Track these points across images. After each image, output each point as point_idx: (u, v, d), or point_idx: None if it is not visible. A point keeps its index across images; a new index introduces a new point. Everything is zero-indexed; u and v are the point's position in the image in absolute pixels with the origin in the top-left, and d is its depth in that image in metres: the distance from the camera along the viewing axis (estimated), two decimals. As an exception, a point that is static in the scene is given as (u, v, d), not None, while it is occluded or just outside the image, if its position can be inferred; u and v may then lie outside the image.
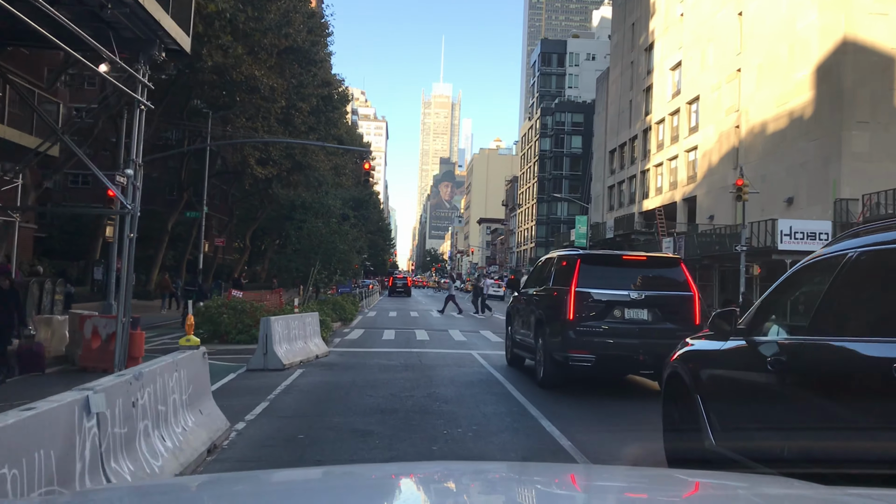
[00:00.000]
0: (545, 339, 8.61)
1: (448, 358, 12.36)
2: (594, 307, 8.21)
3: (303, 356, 11.11)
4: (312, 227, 19.24)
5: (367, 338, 16.58)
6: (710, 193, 44.35)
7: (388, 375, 9.94)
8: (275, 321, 10.43)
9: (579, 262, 8.31)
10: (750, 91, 39.85)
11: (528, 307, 9.96)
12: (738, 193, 24.22)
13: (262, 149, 31.51)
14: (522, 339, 10.21)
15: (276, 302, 14.69)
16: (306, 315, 12.11)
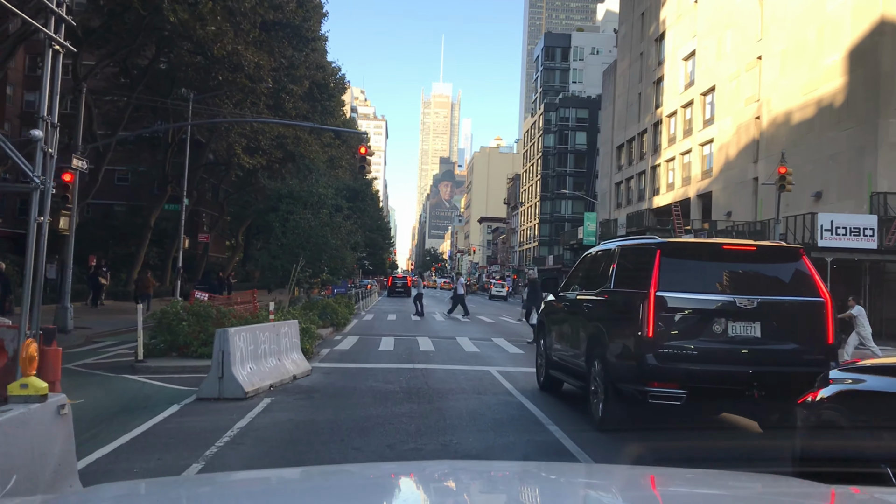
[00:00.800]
0: (606, 364, 6.06)
1: (461, 378, 9.79)
2: (684, 319, 5.68)
3: (274, 379, 8.55)
4: (300, 219, 16.70)
5: (361, 348, 14.01)
6: (727, 189, 41.87)
7: (385, 410, 7.34)
8: (235, 334, 7.87)
9: (659, 255, 5.73)
10: (772, 79, 37.32)
11: (574, 317, 7.39)
12: (782, 183, 21.68)
13: (251, 136, 28.96)
14: (564, 358, 7.65)
15: (252, 306, 12.15)
16: (282, 324, 9.53)
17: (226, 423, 6.49)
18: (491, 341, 16.04)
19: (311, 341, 11.64)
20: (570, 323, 7.52)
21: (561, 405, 7.79)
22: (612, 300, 6.35)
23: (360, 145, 18.99)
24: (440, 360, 11.97)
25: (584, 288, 7.40)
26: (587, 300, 6.93)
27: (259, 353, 8.47)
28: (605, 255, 7.04)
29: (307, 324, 11.88)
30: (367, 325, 20.96)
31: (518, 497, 2.00)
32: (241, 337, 7.99)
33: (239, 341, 7.94)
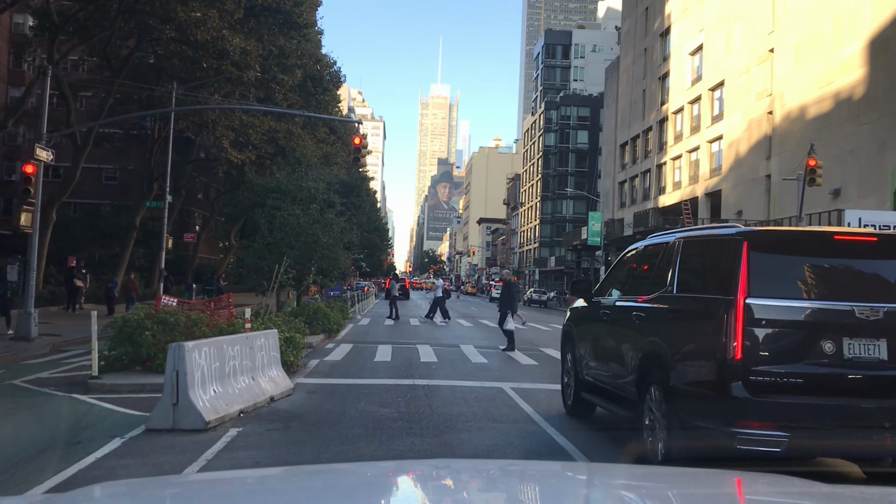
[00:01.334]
0: (670, 393, 4.52)
1: (470, 398, 8.23)
2: (783, 336, 4.13)
3: (245, 402, 7.00)
4: (287, 216, 15.15)
5: (354, 358, 12.47)
6: (737, 187, 40.41)
7: (380, 447, 5.74)
8: (194, 349, 6.33)
9: (747, 249, 4.21)
10: (785, 72, 35.87)
11: (617, 329, 5.81)
12: (812, 177, 20.18)
13: (239, 130, 27.43)
14: (603, 380, 6.10)
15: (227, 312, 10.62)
16: (257, 335, 7.97)
17: (172, 470, 4.97)
18: (498, 350, 14.48)
19: (295, 353, 10.11)
20: (611, 336, 5.97)
21: (599, 438, 6.27)
22: (677, 308, 4.82)
23: (353, 136, 17.46)
24: (444, 374, 10.43)
25: (630, 292, 5.87)
26: (637, 308, 5.38)
27: (226, 372, 6.93)
28: (660, 250, 5.47)
29: (291, 332, 10.34)
30: (363, 330, 19.41)
31: (518, 496, 1.98)
32: (202, 353, 6.46)
33: (199, 358, 6.41)
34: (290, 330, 10.50)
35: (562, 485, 2.09)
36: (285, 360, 9.90)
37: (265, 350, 8.01)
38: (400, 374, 10.30)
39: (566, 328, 7.43)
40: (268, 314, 10.85)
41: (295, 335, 10.23)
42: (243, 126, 28.28)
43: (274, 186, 16.37)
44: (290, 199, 15.98)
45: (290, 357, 9.87)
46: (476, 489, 2.01)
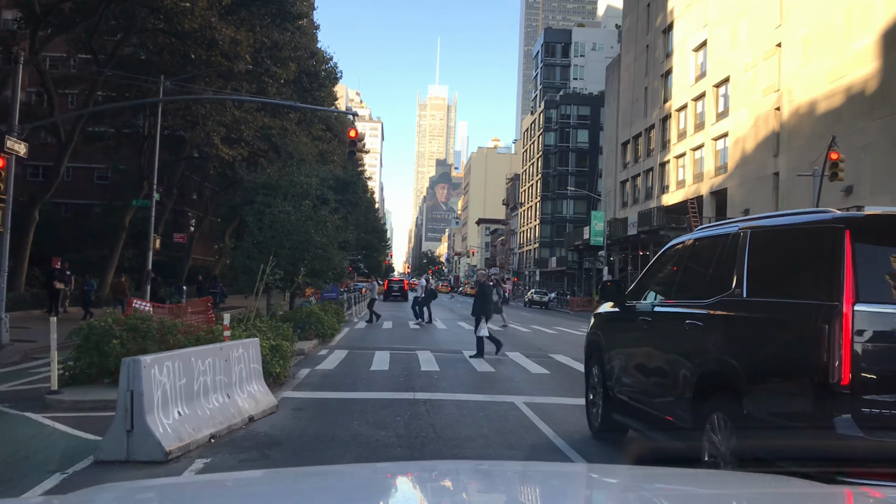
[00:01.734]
0: (743, 427, 3.50)
1: (479, 416, 7.18)
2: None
3: (218, 425, 5.95)
4: (278, 213, 14.09)
5: (348, 367, 11.43)
6: (743, 185, 39.47)
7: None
8: (153, 364, 5.29)
9: (850, 239, 3.19)
10: (793, 67, 34.94)
11: (662, 340, 4.76)
12: (834, 171, 19.18)
13: (231, 126, 26.39)
14: (642, 399, 5.04)
15: (206, 317, 9.57)
16: (234, 345, 6.90)
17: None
18: (505, 356, 13.45)
19: (282, 363, 9.07)
20: (654, 348, 4.92)
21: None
22: (749, 317, 3.79)
23: (349, 129, 16.42)
24: (447, 386, 9.39)
25: (677, 295, 4.83)
26: (691, 315, 4.35)
27: (195, 390, 5.90)
28: (718, 244, 4.40)
29: (278, 340, 9.29)
30: (359, 335, 18.36)
31: (518, 497, 1.97)
32: (163, 368, 5.43)
33: (160, 375, 5.38)
34: (276, 337, 9.46)
35: (562, 485, 2.06)
36: (271, 372, 8.87)
37: (244, 362, 6.97)
38: (398, 386, 9.26)
39: (592, 337, 6.38)
40: (252, 319, 9.81)
41: (282, 343, 9.18)
42: (236, 122, 27.24)
43: (264, 182, 15.32)
44: (282, 196, 14.94)
45: (275, 368, 8.83)
46: (475, 490, 1.98)
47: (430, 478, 2.17)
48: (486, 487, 2.02)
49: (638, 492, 2.00)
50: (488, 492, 1.99)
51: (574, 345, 17.06)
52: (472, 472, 2.29)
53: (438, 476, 2.19)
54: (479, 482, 2.09)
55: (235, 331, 8.96)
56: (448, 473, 2.26)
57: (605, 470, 3.18)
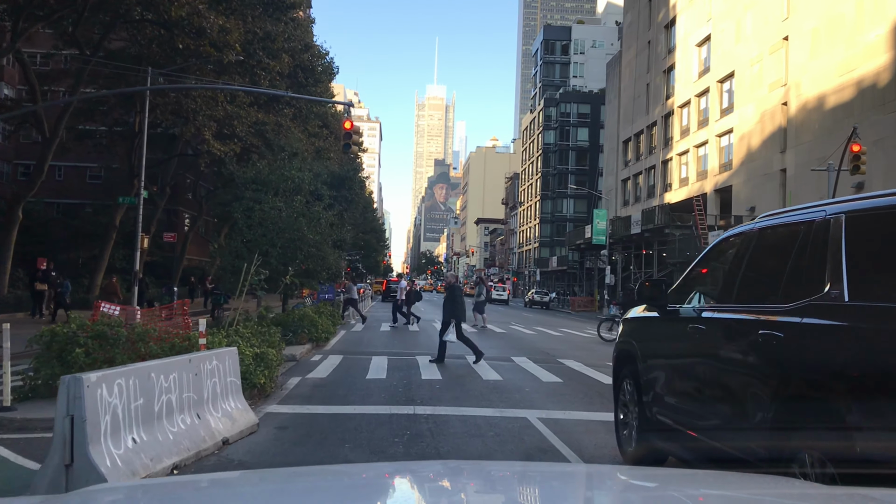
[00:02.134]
0: (841, 464, 2.63)
1: (489, 437, 6.22)
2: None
3: (183, 452, 5.00)
4: (268, 209, 13.12)
5: (343, 375, 10.50)
6: (749, 182, 38.59)
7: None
8: (98, 383, 4.34)
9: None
10: (801, 61, 34.06)
11: (727, 353, 3.79)
12: (856, 164, 18.29)
13: (223, 121, 25.46)
14: (690, 425, 4.13)
15: (183, 322, 8.64)
16: (206, 357, 5.93)
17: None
18: (512, 361, 12.51)
19: (268, 372, 8.14)
20: (710, 364, 3.99)
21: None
22: (857, 328, 2.87)
23: (344, 121, 15.46)
24: (452, 398, 8.45)
25: (739, 298, 3.90)
26: (765, 323, 3.43)
27: (156, 411, 4.98)
28: (800, 232, 3.45)
29: (264, 347, 8.35)
30: (356, 338, 17.41)
31: (516, 498, 1.97)
32: (113, 388, 4.50)
33: (109, 396, 4.45)
34: (262, 344, 8.53)
35: (562, 486, 2.05)
36: (255, 383, 7.94)
37: (219, 375, 6.04)
38: (397, 398, 8.32)
39: (623, 346, 5.45)
40: (235, 324, 8.87)
41: (267, 351, 8.24)
42: (228, 117, 26.32)
43: (253, 177, 14.38)
44: (272, 191, 13.99)
45: (260, 378, 7.90)
46: (474, 491, 1.96)
47: (429, 478, 2.16)
48: (484, 488, 2.01)
49: (638, 493, 2.00)
50: (487, 492, 1.98)
51: (583, 348, 16.14)
52: (471, 473, 2.27)
53: (437, 476, 2.19)
54: (478, 482, 2.08)
55: (216, 337, 8.03)
56: (447, 473, 2.25)
57: (605, 470, 3.17)
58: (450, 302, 12.37)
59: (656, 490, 2.02)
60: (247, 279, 9.04)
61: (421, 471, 2.43)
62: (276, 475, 2.42)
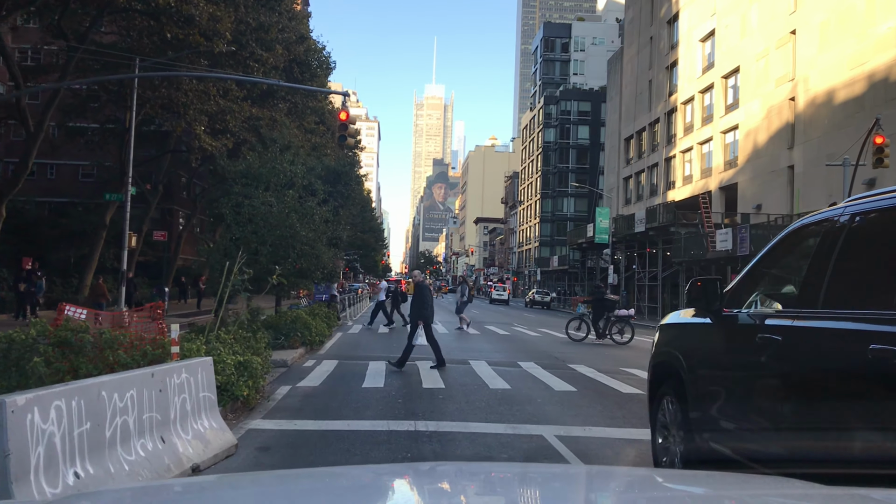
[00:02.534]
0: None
1: (503, 464, 5.36)
2: None
3: (143, 484, 4.23)
4: (258, 204, 12.23)
5: (337, 382, 9.65)
6: (755, 179, 37.79)
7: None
8: (28, 407, 3.49)
9: None
10: (810, 55, 33.25)
11: (814, 373, 2.97)
12: (879, 156, 17.47)
13: (216, 116, 24.60)
14: (764, 458, 3.32)
15: (156, 327, 7.78)
16: (173, 369, 5.03)
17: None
18: (519, 367, 11.64)
19: (253, 383, 7.29)
20: (792, 384, 3.14)
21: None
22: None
23: (339, 112, 14.56)
24: (457, 411, 7.59)
25: (827, 302, 3.03)
26: (879, 335, 2.59)
27: (107, 437, 4.12)
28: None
29: (248, 355, 7.50)
30: (353, 341, 16.55)
31: (516, 500, 1.96)
32: (49, 412, 3.65)
33: (44, 422, 3.60)
34: (246, 351, 7.68)
35: (562, 487, 2.04)
36: (237, 395, 7.09)
37: (189, 390, 5.19)
38: (396, 412, 7.46)
39: (663, 358, 4.59)
40: (215, 329, 8.02)
41: (252, 359, 7.37)
42: (221, 112, 25.46)
43: (243, 170, 13.51)
44: (263, 186, 13.13)
45: (242, 390, 7.05)
46: (474, 492, 1.95)
47: (428, 479, 2.17)
48: (484, 489, 2.00)
49: (638, 493, 1.99)
50: (487, 494, 1.97)
51: (592, 352, 15.32)
52: (470, 474, 2.27)
53: (436, 478, 2.20)
54: (477, 484, 2.06)
55: (193, 344, 7.17)
56: (446, 475, 2.26)
57: (605, 471, 3.15)
58: (416, 303, 11.41)
59: (657, 490, 2.02)
60: (230, 279, 8.20)
61: (420, 472, 2.43)
62: (272, 477, 2.38)
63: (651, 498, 1.93)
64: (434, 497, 1.91)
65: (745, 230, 28.41)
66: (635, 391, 9.14)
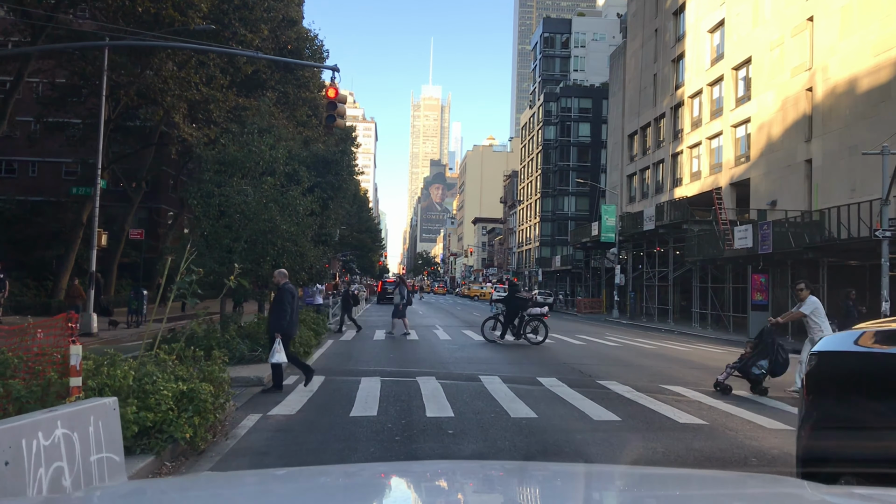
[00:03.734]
0: None
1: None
2: None
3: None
4: (231, 193, 10.30)
5: (319, 408, 7.76)
6: (770, 174, 35.99)
7: None
8: None
9: None
10: (829, 42, 31.46)
11: None
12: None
13: (199, 104, 22.73)
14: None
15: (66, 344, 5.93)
16: (41, 421, 3.19)
17: None
18: (540, 385, 9.72)
19: (201, 418, 5.40)
20: None
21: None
22: None
23: (328, 88, 12.63)
24: (473, 452, 5.70)
25: None
26: None
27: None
28: None
29: (194, 382, 5.61)
30: (344, 351, 14.63)
31: (515, 497, 1.93)
32: None
33: None
34: (194, 375, 5.82)
35: (561, 485, 2.02)
36: (180, 438, 5.20)
37: (69, 455, 3.26)
38: (392, 452, 5.58)
39: (828, 406, 2.72)
40: (154, 347, 6.10)
41: (199, 387, 5.48)
42: (204, 101, 23.59)
43: (217, 156, 11.56)
44: (240, 173, 11.23)
45: (184, 431, 5.17)
46: (472, 491, 1.94)
47: (426, 477, 2.13)
48: (483, 487, 1.98)
49: (637, 492, 1.97)
50: (486, 492, 1.94)
51: (617, 362, 13.44)
52: (469, 472, 2.24)
53: (435, 476, 2.16)
54: (476, 482, 2.04)
55: (118, 370, 5.27)
56: (445, 473, 2.24)
57: (604, 470, 3.07)
58: (276, 311, 9.30)
59: (657, 489, 1.99)
60: (175, 281, 6.22)
61: (419, 470, 2.41)
62: (270, 475, 2.34)
63: (651, 497, 1.90)
64: (432, 495, 1.90)
65: (768, 227, 26.58)
66: (695, 421, 7.32)
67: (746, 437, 6.62)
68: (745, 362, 9.58)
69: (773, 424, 7.27)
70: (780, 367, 9.55)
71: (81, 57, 23.55)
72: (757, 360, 9.48)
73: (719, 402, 8.62)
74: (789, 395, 9.46)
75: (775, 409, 8.49)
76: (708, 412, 7.86)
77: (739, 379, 9.83)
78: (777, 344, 9.67)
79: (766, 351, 9.48)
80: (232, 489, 1.91)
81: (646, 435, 6.59)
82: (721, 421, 7.38)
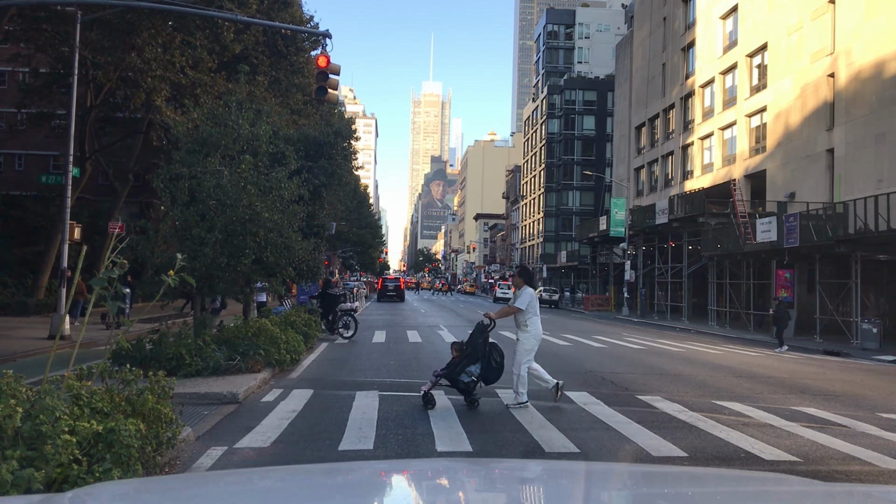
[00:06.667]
0: None
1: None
2: None
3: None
4: (202, 174, 8.68)
5: (299, 441, 6.11)
6: (787, 165, 34.30)
7: None
8: None
9: None
10: (853, 25, 29.75)
11: None
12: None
13: (185, 88, 21.09)
14: None
15: None
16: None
17: None
18: (573, 403, 8.02)
19: (126, 468, 3.82)
20: None
21: None
22: None
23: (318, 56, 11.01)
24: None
25: None
26: None
27: None
28: None
29: (118, 419, 3.98)
30: (339, 356, 13.01)
31: (517, 496, 1.91)
32: None
33: None
34: (116, 409, 4.20)
35: (561, 484, 2.00)
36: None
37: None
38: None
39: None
40: (70, 364, 4.49)
41: (121, 427, 3.85)
42: (191, 85, 21.96)
43: (189, 135, 9.95)
44: (215, 153, 9.58)
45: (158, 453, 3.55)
46: (474, 489, 1.93)
47: (427, 476, 2.12)
48: (485, 486, 1.96)
49: (637, 490, 1.96)
50: (487, 490, 1.93)
51: (649, 370, 11.79)
52: (470, 471, 2.23)
53: (436, 474, 2.15)
54: (478, 481, 2.02)
55: (8, 400, 3.66)
56: (446, 472, 2.22)
57: (604, 468, 3.05)
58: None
59: (657, 487, 1.98)
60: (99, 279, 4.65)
61: (420, 468, 2.39)
62: (274, 474, 2.19)
63: (651, 494, 1.89)
64: (433, 493, 1.87)
65: (795, 219, 24.92)
66: (783, 456, 5.66)
67: (862, 482, 5.00)
68: (452, 368, 7.75)
69: (885, 462, 5.62)
70: (494, 374, 7.83)
71: (63, 41, 22.01)
72: (466, 365, 7.72)
73: (795, 427, 6.99)
74: None
75: (865, 436, 6.88)
76: (792, 442, 6.23)
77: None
78: (490, 346, 7.94)
79: (476, 354, 7.77)
80: (233, 487, 1.88)
81: (725, 478, 5.00)
82: (815, 455, 5.76)
